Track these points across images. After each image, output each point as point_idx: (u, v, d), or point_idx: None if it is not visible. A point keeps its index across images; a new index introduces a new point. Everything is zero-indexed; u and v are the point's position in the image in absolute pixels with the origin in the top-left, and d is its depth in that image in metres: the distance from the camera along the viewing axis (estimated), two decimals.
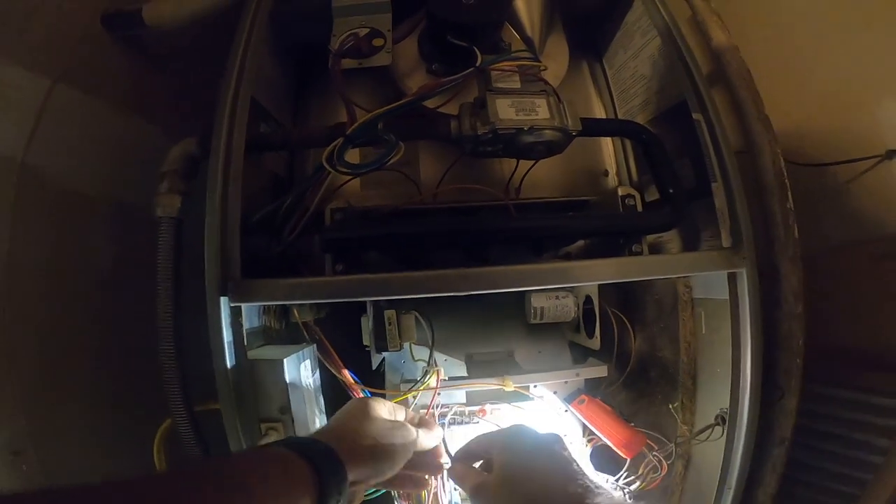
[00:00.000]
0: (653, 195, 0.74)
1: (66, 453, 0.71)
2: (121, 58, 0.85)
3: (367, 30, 0.73)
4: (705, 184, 0.64)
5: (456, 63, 0.74)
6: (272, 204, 0.63)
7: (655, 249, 0.74)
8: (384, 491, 0.70)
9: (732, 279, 0.60)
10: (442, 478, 0.74)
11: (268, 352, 0.63)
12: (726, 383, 0.63)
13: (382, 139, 0.62)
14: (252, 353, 0.60)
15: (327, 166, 0.60)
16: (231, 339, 0.56)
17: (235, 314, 0.56)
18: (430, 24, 0.79)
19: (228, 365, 0.56)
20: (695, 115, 0.65)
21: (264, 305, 0.66)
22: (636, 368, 0.81)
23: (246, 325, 0.59)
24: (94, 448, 0.75)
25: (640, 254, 0.63)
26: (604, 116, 0.88)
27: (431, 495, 0.77)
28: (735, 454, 0.63)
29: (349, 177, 0.71)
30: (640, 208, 0.67)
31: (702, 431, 0.67)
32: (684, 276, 0.66)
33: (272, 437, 0.61)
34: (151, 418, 0.67)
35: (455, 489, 0.77)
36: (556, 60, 0.82)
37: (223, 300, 0.55)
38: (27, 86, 0.68)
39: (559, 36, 0.85)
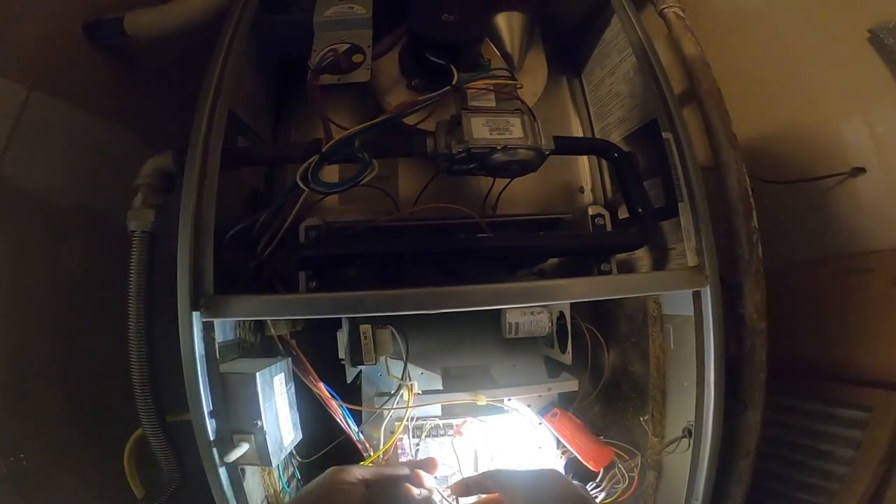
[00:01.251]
0: (625, 213, 0.75)
1: (41, 467, 0.70)
2: (102, 67, 0.84)
3: (348, 45, 0.73)
4: (674, 202, 0.65)
5: (436, 79, 0.75)
6: (248, 219, 0.63)
7: (627, 267, 0.76)
8: None
9: (697, 297, 0.62)
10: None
11: (240, 365, 0.63)
12: (692, 397, 0.65)
13: (357, 157, 0.63)
14: (224, 367, 0.60)
15: (301, 184, 0.60)
16: (203, 352, 0.56)
17: (208, 329, 0.56)
18: (411, 41, 0.80)
19: (200, 378, 0.56)
20: (664, 135, 0.67)
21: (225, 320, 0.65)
22: (609, 382, 0.82)
23: (219, 338, 0.59)
24: (65, 461, 0.74)
25: (609, 272, 0.65)
26: (581, 132, 0.90)
27: None
28: (701, 466, 0.65)
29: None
30: (609, 227, 0.68)
31: (669, 444, 0.69)
32: (654, 294, 0.68)
33: (244, 449, 0.61)
34: (126, 428, 0.67)
35: None
36: (534, 77, 0.84)
37: (195, 315, 0.55)
38: (2, 93, 0.68)
39: (538, 52, 0.87)
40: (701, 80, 0.78)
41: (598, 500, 0.75)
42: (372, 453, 0.74)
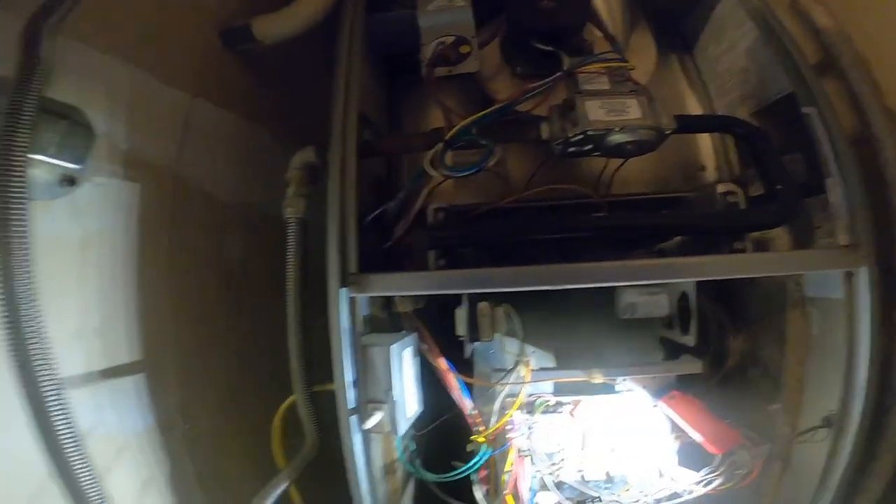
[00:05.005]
0: (758, 190, 0.71)
1: (206, 425, 0.81)
2: (238, 71, 0.94)
3: (453, 37, 0.76)
4: (818, 178, 0.61)
5: (540, 65, 0.75)
6: (383, 206, 0.69)
7: (762, 246, 0.72)
8: (463, 473, 0.75)
9: (849, 278, 0.58)
10: (522, 462, 0.78)
11: (376, 338, 0.69)
12: (836, 385, 0.61)
13: (479, 143, 0.66)
14: (364, 339, 0.67)
15: (430, 170, 0.65)
16: (348, 325, 0.63)
17: (353, 304, 0.63)
18: (512, 30, 0.81)
19: (344, 349, 0.63)
20: (805, 110, 0.62)
21: (371, 296, 0.72)
22: (735, 366, 0.79)
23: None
24: (225, 424, 0.86)
25: (743, 251, 0.62)
26: (698, 110, 0.86)
27: (511, 480, 0.81)
28: (840, 458, 0.61)
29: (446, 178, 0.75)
30: (742, 205, 0.65)
31: (805, 432, 0.65)
32: (794, 274, 0.64)
33: (377, 418, 0.68)
34: (274, 396, 0.77)
35: (535, 475, 0.81)
36: (642, 56, 0.81)
37: (342, 291, 0.62)
38: (169, 100, 0.78)
39: (644, 30, 0.84)
40: (841, 51, 0.71)
41: (713, 486, 0.74)
42: (483, 428, 0.78)
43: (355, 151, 0.66)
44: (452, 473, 0.77)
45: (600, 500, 0.79)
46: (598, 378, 0.72)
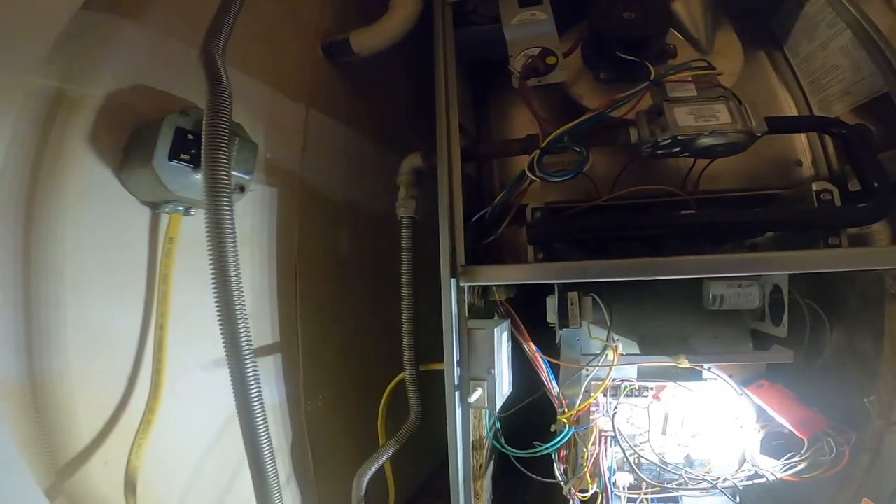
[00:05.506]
0: (857, 185, 0.71)
1: (322, 402, 0.94)
2: (339, 82, 1.05)
3: (539, 49, 0.80)
4: None
5: (623, 71, 0.79)
6: (486, 207, 0.77)
7: (861, 240, 0.72)
8: (547, 450, 0.82)
9: None
10: (604, 442, 0.84)
11: (478, 322, 0.78)
12: None
13: (572, 150, 0.72)
14: (470, 324, 0.75)
15: (529, 174, 0.72)
16: (457, 311, 0.72)
17: (461, 292, 0.72)
18: (594, 39, 0.84)
19: (454, 332, 0.72)
20: None
21: (471, 286, 0.81)
22: (830, 360, 0.80)
23: None
24: (342, 399, 0.98)
25: (838, 246, 0.64)
26: (792, 106, 0.85)
27: (592, 460, 0.87)
28: None
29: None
30: (837, 202, 0.66)
31: None
32: (892, 269, 0.65)
33: (478, 394, 0.76)
34: (379, 374, 0.87)
35: (615, 456, 0.86)
36: (728, 57, 0.82)
37: (452, 281, 0.71)
38: (291, 111, 0.90)
39: (728, 31, 0.84)
40: None
41: (797, 470, 0.76)
42: (567, 410, 0.85)
43: (459, 158, 0.75)
44: (536, 450, 0.84)
45: (679, 482, 0.84)
46: (684, 363, 0.76)
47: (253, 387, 0.52)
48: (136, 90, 0.61)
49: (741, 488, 0.81)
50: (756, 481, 0.80)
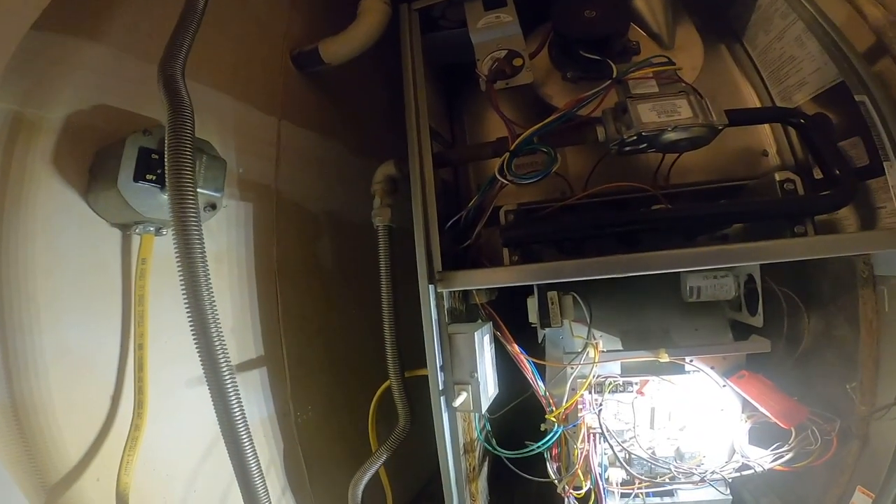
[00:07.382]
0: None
1: (311, 413, 0.94)
2: (310, 92, 1.04)
3: (505, 51, 0.81)
4: (879, 161, 0.62)
5: (589, 69, 0.79)
6: (460, 213, 0.78)
7: (828, 227, 0.73)
8: (537, 450, 0.82)
9: None
10: (593, 439, 0.84)
11: (459, 327, 0.78)
12: None
13: (540, 151, 0.72)
14: (451, 329, 0.76)
15: (500, 178, 0.72)
16: (436, 317, 0.72)
17: (439, 298, 0.72)
18: (558, 38, 0.85)
19: (434, 338, 0.72)
20: (857, 97, 0.63)
21: (451, 290, 0.81)
22: (809, 348, 0.80)
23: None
24: (332, 409, 0.98)
25: (804, 234, 0.65)
26: (753, 98, 0.86)
27: (582, 457, 0.88)
28: None
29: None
30: (801, 191, 0.67)
31: (881, 409, 0.67)
32: (862, 254, 0.66)
33: (463, 397, 0.76)
34: (369, 380, 0.87)
35: (605, 452, 0.87)
36: (689, 52, 0.83)
37: (431, 288, 0.71)
38: (263, 124, 0.90)
39: (688, 26, 0.85)
40: (893, 40, 0.70)
41: (784, 460, 0.76)
42: (554, 409, 0.85)
43: (431, 165, 0.75)
44: (527, 450, 0.84)
45: (670, 475, 0.84)
46: (664, 357, 0.77)
47: (234, 401, 0.52)
48: (98, 110, 0.60)
49: (730, 480, 0.82)
50: (744, 472, 0.80)
